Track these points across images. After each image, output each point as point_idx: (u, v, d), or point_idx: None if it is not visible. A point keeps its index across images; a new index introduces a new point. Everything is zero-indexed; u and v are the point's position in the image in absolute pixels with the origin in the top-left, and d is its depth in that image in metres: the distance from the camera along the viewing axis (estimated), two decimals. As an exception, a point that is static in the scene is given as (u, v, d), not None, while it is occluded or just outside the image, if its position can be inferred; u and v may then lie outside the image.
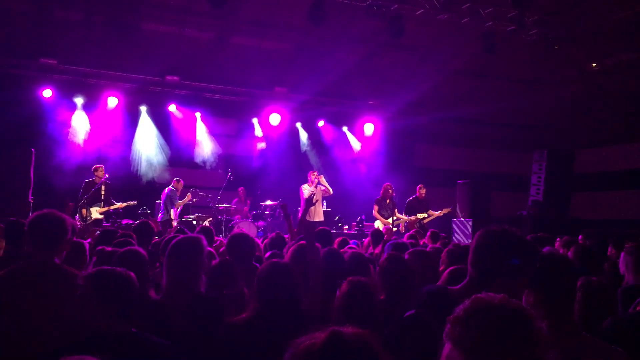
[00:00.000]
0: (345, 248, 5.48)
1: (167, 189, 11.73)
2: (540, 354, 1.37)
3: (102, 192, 10.88)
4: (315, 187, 11.62)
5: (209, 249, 5.14)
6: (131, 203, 11.16)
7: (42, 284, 2.92)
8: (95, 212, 10.76)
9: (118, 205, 10.99)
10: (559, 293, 2.26)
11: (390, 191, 11.74)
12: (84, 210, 10.67)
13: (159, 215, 11.73)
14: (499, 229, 2.30)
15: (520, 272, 2.20)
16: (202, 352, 2.90)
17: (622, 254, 4.59)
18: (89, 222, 10.61)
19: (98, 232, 6.73)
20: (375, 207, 11.74)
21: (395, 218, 11.52)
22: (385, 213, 11.61)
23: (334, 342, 1.30)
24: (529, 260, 2.23)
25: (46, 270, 2.98)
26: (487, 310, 1.39)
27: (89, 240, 5.80)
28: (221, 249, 5.92)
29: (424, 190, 11.93)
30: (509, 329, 1.36)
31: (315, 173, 11.81)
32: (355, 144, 15.53)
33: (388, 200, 11.70)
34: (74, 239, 3.61)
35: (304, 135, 15.30)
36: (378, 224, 11.47)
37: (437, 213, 11.77)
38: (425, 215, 11.71)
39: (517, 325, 1.37)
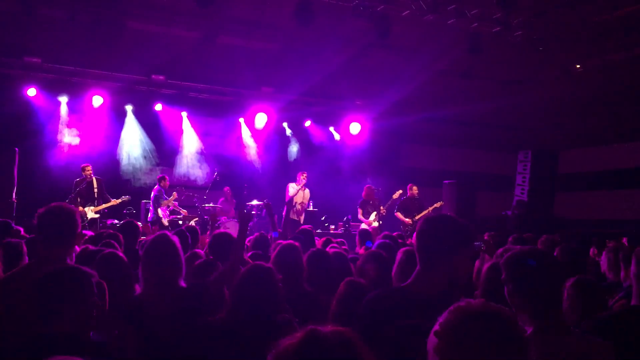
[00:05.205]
0: (328, 248, 5.50)
1: (154, 189, 11.69)
2: (525, 358, 1.40)
3: (95, 190, 10.76)
4: (303, 187, 11.72)
5: (197, 250, 5.14)
6: (125, 198, 11.09)
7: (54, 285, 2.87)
8: (91, 212, 10.65)
9: (113, 202, 10.89)
10: (543, 292, 2.23)
11: (373, 192, 11.82)
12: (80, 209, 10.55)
13: (149, 215, 11.68)
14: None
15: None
16: (174, 350, 2.90)
17: (604, 253, 4.66)
18: (84, 222, 10.52)
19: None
20: (360, 211, 11.80)
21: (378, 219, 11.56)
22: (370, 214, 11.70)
23: (311, 341, 1.29)
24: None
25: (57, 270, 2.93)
26: (472, 321, 1.40)
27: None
28: (205, 249, 5.91)
29: (416, 189, 11.97)
30: (495, 338, 1.38)
31: (305, 174, 11.88)
32: (342, 144, 15.56)
33: (371, 202, 11.78)
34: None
35: (290, 135, 15.30)
36: (365, 227, 11.53)
37: (430, 208, 11.80)
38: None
39: (503, 333, 1.39)
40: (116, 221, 11.49)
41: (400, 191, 11.75)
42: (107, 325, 2.94)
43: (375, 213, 11.57)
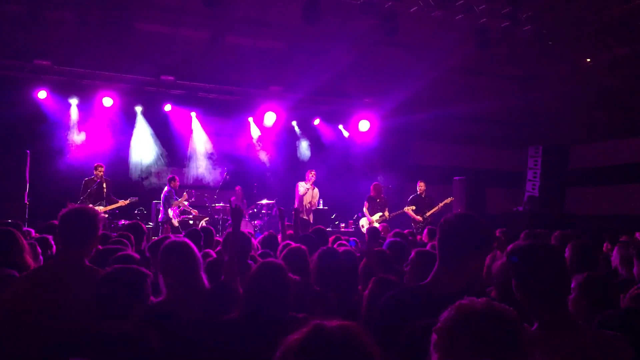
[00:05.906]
0: (336, 245, 5.49)
1: (165, 189, 11.74)
2: (524, 357, 1.38)
3: (104, 190, 10.87)
4: (312, 186, 11.75)
5: (208, 250, 5.16)
6: (133, 199, 11.17)
7: (69, 285, 2.89)
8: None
9: (120, 202, 10.97)
10: (547, 287, 2.19)
11: (381, 190, 11.85)
12: None
13: (160, 215, 11.73)
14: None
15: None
16: (193, 351, 2.92)
17: (616, 248, 4.62)
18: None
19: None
20: (366, 204, 11.88)
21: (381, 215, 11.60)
22: (376, 211, 11.74)
23: (316, 335, 1.31)
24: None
25: (75, 270, 2.96)
26: (472, 319, 1.39)
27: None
28: (217, 248, 5.93)
29: (423, 186, 11.95)
30: (492, 337, 1.36)
31: (313, 172, 11.91)
32: (351, 142, 15.54)
33: (379, 200, 11.80)
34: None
35: (299, 134, 15.31)
36: (364, 222, 11.64)
37: (440, 205, 11.78)
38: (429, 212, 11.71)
39: (501, 332, 1.38)
40: (126, 222, 11.55)
41: (414, 207, 11.69)
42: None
43: (380, 214, 11.60)
